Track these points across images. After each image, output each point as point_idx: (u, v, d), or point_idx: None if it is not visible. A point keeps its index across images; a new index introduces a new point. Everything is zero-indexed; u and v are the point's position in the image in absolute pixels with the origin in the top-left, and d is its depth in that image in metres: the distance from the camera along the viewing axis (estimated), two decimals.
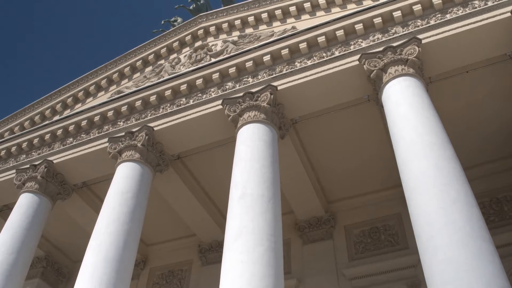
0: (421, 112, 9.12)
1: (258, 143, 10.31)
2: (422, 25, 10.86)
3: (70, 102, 15.49)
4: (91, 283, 9.27)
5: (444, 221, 7.29)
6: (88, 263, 9.72)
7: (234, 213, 8.98)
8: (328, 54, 11.51)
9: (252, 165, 9.79)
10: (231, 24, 14.52)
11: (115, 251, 9.87)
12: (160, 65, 14.73)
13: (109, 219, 10.46)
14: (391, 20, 11.31)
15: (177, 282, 15.17)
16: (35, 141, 14.34)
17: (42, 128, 14.43)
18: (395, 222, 13.51)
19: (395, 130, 9.23)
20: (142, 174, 11.71)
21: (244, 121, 11.04)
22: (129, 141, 12.32)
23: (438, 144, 8.47)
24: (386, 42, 10.96)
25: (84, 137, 13.60)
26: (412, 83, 9.84)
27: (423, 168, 8.12)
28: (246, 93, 11.49)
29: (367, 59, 10.62)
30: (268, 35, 13.34)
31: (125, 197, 10.94)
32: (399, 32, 11.04)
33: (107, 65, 15.56)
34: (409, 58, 10.22)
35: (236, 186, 9.54)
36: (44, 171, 13.15)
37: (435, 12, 10.99)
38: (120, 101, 13.52)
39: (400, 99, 9.52)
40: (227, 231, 8.85)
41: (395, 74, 10.11)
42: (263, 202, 9.03)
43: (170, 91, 12.90)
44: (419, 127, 8.83)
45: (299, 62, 11.76)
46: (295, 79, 11.43)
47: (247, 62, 12.29)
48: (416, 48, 10.27)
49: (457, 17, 10.60)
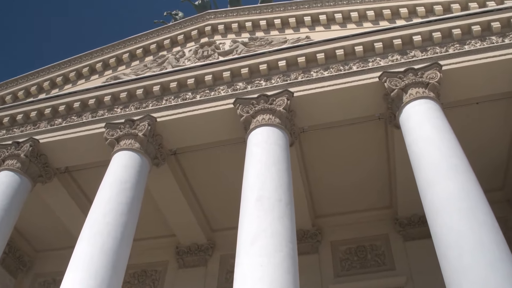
0: (444, 134, 9.26)
1: (273, 147, 10.09)
2: (441, 52, 11.12)
3: (59, 82, 14.61)
4: (87, 274, 8.62)
5: (473, 243, 7.35)
6: (83, 252, 9.06)
7: (251, 216, 8.67)
8: (345, 67, 11.52)
9: (268, 168, 9.54)
10: (241, 25, 14.29)
11: (112, 243, 9.26)
12: (163, 56, 14.23)
13: (106, 209, 9.82)
14: (410, 43, 11.51)
15: (150, 283, 14.49)
16: (19, 117, 13.37)
17: (28, 105, 13.49)
18: (383, 243, 13.60)
19: (417, 149, 9.30)
20: (141, 165, 11.15)
21: (257, 123, 10.80)
22: (128, 129, 11.73)
23: (462, 167, 8.60)
24: (405, 64, 11.12)
25: (75, 120, 12.83)
26: (433, 106, 10.00)
27: (451, 189, 8.18)
28: (261, 95, 11.27)
29: (389, 78, 10.72)
30: (280, 41, 13.22)
31: (124, 187, 10.35)
32: (418, 56, 11.24)
33: (104, 49, 14.85)
34: (430, 82, 10.40)
35: (251, 188, 9.24)
36: (28, 150, 12.24)
37: (453, 41, 11.29)
38: (119, 86, 12.90)
39: (423, 120, 9.63)
40: (242, 233, 8.52)
41: (416, 96, 10.24)
42: (280, 207, 8.80)
43: (175, 84, 12.46)
44: (443, 149, 8.94)
45: (315, 72, 11.70)
46: (312, 88, 11.35)
47: (261, 65, 12.09)
48: (437, 73, 10.47)
49: (475, 49, 10.94)
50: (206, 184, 13.78)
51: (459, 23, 11.34)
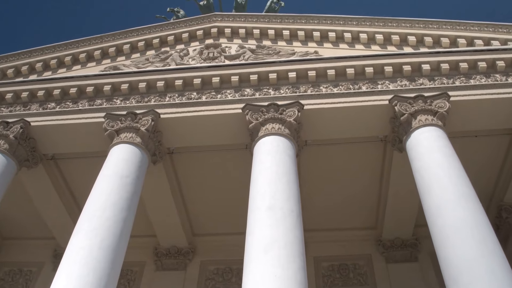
0: (454, 163, 9.50)
1: (283, 156, 10.03)
2: (448, 84, 11.47)
3: (53, 64, 13.98)
4: (85, 269, 8.17)
5: (484, 270, 7.55)
6: (80, 246, 8.57)
7: (263, 224, 8.54)
8: (355, 87, 11.67)
9: (279, 178, 9.46)
10: (248, 32, 14.23)
11: (112, 239, 8.85)
12: (166, 52, 13.92)
13: (106, 203, 9.39)
14: (419, 71, 11.80)
15: (125, 283, 13.94)
16: (8, 96, 12.65)
17: (19, 84, 12.81)
18: (365, 263, 13.76)
19: (427, 175, 9.48)
20: (141, 160, 10.79)
21: (267, 131, 10.72)
22: (130, 122, 11.35)
23: (471, 196, 8.86)
24: (413, 91, 11.38)
25: (70, 106, 12.29)
26: (442, 134, 10.27)
27: (462, 216, 8.38)
28: (271, 104, 11.22)
29: (399, 102, 10.93)
30: (289, 52, 13.26)
31: (125, 182, 9.96)
32: (426, 84, 11.54)
33: (103, 37, 14.37)
34: (438, 111, 10.69)
35: (262, 195, 9.12)
36: (18, 132, 11.59)
37: (459, 74, 11.68)
38: (121, 77, 12.50)
39: (433, 147, 9.85)
40: (253, 240, 8.36)
41: (425, 122, 10.49)
42: (292, 218, 8.73)
43: (181, 82, 12.20)
44: (453, 177, 9.17)
45: (324, 87, 11.77)
46: (321, 103, 11.41)
47: (270, 74, 12.04)
48: (446, 103, 10.78)
49: (481, 85, 11.36)
50: (195, 187, 13.52)
51: (466, 58, 11.75)
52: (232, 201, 13.73)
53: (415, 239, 13.77)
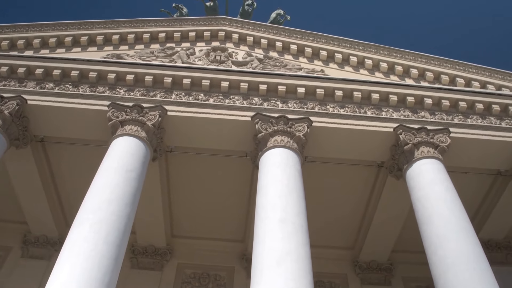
0: (454, 197, 9.94)
1: (292, 171, 10.12)
2: (447, 120, 12.00)
3: (52, 43, 13.38)
4: (90, 263, 7.82)
5: None
6: (84, 238, 8.20)
7: (274, 235, 8.56)
8: (361, 111, 11.96)
9: (290, 191, 9.53)
10: (256, 40, 14.27)
11: (117, 235, 8.54)
12: (172, 48, 13.69)
13: (111, 196, 9.05)
14: (421, 104, 12.26)
15: None
16: (3, 69, 11.99)
17: (16, 58, 12.17)
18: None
19: (428, 205, 9.83)
20: (145, 155, 10.52)
21: (276, 143, 10.77)
22: (136, 115, 11.05)
23: (470, 230, 9.30)
24: (415, 122, 11.79)
25: (70, 89, 11.81)
26: (442, 168, 10.71)
27: (463, 249, 8.76)
28: (281, 116, 11.28)
29: (404, 131, 11.30)
30: (296, 67, 13.41)
31: (129, 176, 9.66)
32: (427, 117, 12.01)
33: (107, 23, 13.94)
34: (440, 145, 11.15)
35: (273, 207, 9.14)
36: (14, 108, 10.98)
37: (458, 112, 12.24)
38: (126, 67, 12.17)
39: (436, 179, 10.25)
40: (264, 251, 8.36)
41: (427, 154, 10.90)
42: (303, 233, 8.82)
43: (189, 81, 12.04)
44: (455, 211, 9.58)
45: (331, 106, 11.99)
46: (328, 122, 11.60)
47: (280, 86, 12.12)
48: (447, 139, 11.26)
49: (477, 125, 11.96)
50: (184, 188, 13.32)
51: (465, 97, 12.35)
52: (218, 206, 13.68)
53: (390, 264, 14.19)
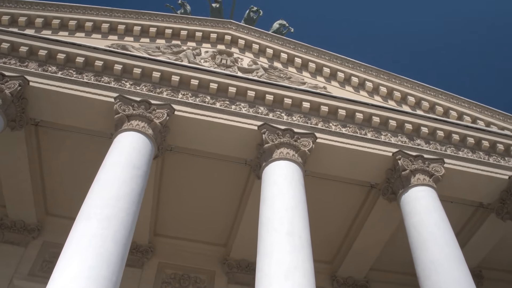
0: (447, 226, 10.39)
1: (298, 185, 10.25)
2: (441, 150, 12.48)
3: (54, 24, 12.95)
4: (99, 260, 7.61)
5: None
6: (92, 233, 7.96)
7: (282, 248, 8.65)
8: (361, 132, 12.23)
9: (296, 205, 9.65)
10: (261, 49, 14.36)
11: (124, 233, 8.37)
12: (178, 46, 13.55)
13: (119, 192, 8.85)
14: (417, 132, 12.68)
15: None
16: (4, 45, 11.47)
17: (19, 36, 11.66)
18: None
19: (423, 231, 10.19)
20: (150, 153, 10.35)
21: (281, 155, 10.86)
22: (143, 110, 10.86)
23: (462, 259, 9.75)
24: (412, 149, 12.18)
25: (73, 75, 11.45)
26: (436, 197, 11.14)
27: (456, 276, 9.19)
28: (288, 129, 11.39)
29: (403, 157, 11.67)
30: (299, 81, 13.59)
31: (137, 173, 9.48)
32: (422, 145, 12.44)
33: (114, 11, 13.64)
34: (434, 174, 11.58)
35: (280, 219, 9.23)
36: (16, 89, 10.53)
37: (451, 144, 12.75)
38: (134, 60, 11.91)
39: (431, 206, 10.67)
40: (272, 263, 8.43)
41: (423, 182, 11.30)
42: (309, 247, 8.97)
43: (197, 82, 11.94)
44: (448, 239, 10.02)
45: (334, 125, 12.20)
46: (331, 140, 11.79)
47: (286, 98, 12.22)
48: (442, 169, 11.72)
49: (467, 158, 12.50)
50: (175, 188, 13.17)
51: (458, 130, 12.86)
52: (206, 209, 13.63)
53: (366, 282, 14.54)
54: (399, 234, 13.03)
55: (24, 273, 12.38)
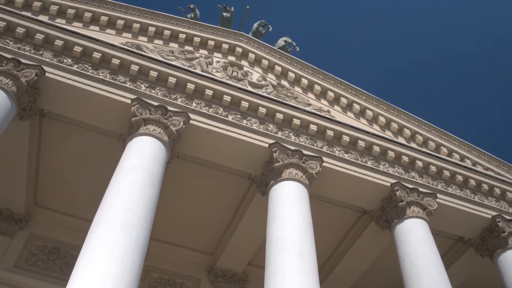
0: (439, 258, 10.98)
1: (306, 206, 10.55)
2: (432, 184, 13.12)
3: (69, 14, 12.70)
4: (121, 267, 7.58)
5: None
6: (116, 240, 7.89)
7: (293, 269, 8.91)
8: (362, 159, 12.68)
9: (305, 226, 9.94)
10: (271, 66, 14.59)
11: (143, 240, 8.37)
12: (191, 52, 13.57)
13: (139, 199, 8.81)
14: (412, 164, 13.27)
15: None
16: (19, 30, 11.12)
17: (36, 22, 11.33)
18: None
19: (418, 262, 10.72)
20: (165, 161, 10.37)
21: (291, 175, 11.11)
22: (160, 116, 10.82)
23: None
24: (408, 181, 12.74)
25: (89, 70, 11.26)
26: (429, 230, 11.72)
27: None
28: (297, 151, 11.66)
29: (401, 188, 12.20)
30: (305, 101, 13.92)
31: (153, 181, 9.44)
32: (416, 178, 13.05)
33: (130, 8, 13.50)
34: (427, 207, 12.19)
35: (291, 239, 9.48)
36: (32, 78, 10.25)
37: (441, 179, 13.43)
38: (151, 62, 11.83)
39: (425, 239, 11.26)
40: (285, 284, 8.64)
41: (417, 214, 11.87)
42: (316, 270, 9.25)
43: (211, 92, 12.02)
44: (439, 269, 10.63)
45: (338, 150, 12.57)
46: (335, 165, 12.16)
47: (295, 119, 12.48)
48: (434, 203, 12.34)
49: (455, 194, 13.22)
50: (170, 194, 13.05)
51: (448, 167, 13.57)
52: (199, 217, 13.66)
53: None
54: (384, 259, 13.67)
55: (9, 265, 11.98)
